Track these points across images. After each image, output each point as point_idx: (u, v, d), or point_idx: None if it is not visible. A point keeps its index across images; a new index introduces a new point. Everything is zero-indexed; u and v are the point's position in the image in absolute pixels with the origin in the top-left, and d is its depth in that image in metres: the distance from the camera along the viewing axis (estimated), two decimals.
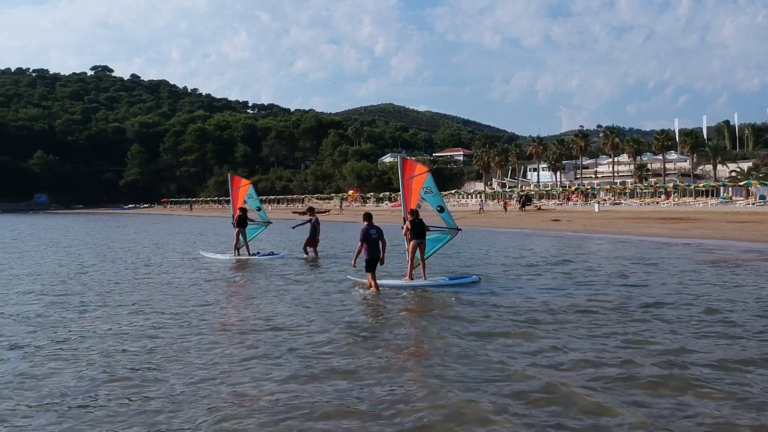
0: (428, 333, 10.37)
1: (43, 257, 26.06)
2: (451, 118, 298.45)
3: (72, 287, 16.02)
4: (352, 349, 9.18)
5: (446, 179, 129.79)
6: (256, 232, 24.15)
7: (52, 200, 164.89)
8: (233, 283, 17.43)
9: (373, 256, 14.14)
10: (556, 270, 18.38)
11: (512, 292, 14.11)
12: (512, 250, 26.65)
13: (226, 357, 8.76)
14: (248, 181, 24.87)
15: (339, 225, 52.02)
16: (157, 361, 8.56)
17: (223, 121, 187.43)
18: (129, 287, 15.92)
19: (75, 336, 10.17)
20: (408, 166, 16.16)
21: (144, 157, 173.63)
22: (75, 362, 8.54)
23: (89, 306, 13.02)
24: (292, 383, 7.52)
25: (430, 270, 16.02)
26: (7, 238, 42.54)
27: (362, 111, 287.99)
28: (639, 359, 8.31)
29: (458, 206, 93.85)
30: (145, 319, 11.51)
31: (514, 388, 7.24)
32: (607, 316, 11.27)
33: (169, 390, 7.33)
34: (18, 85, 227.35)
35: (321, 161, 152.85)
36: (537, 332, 10.00)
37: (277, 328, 10.60)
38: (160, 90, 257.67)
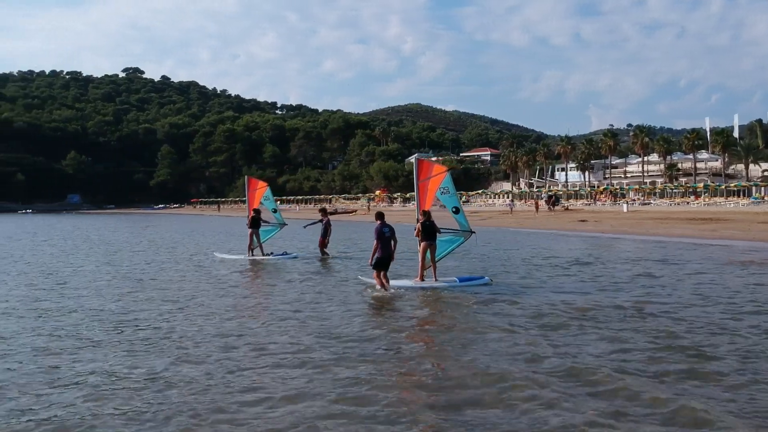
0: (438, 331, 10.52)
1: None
2: (478, 118, 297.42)
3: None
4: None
5: (473, 179, 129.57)
6: (271, 234, 24.34)
7: (84, 200, 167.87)
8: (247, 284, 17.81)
9: (385, 254, 14.30)
10: (570, 272, 18.33)
11: (523, 294, 14.04)
12: (532, 250, 26.54)
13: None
14: (265, 183, 24.99)
15: (365, 225, 51.99)
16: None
17: (252, 121, 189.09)
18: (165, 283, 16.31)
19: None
20: (424, 167, 16.17)
21: (174, 158, 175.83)
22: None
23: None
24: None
25: (445, 270, 16.06)
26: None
27: (389, 111, 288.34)
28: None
29: (485, 206, 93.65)
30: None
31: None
32: (606, 317, 11.28)
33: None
34: (52, 88, 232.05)
35: (348, 161, 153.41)
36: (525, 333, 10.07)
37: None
38: (190, 91, 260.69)
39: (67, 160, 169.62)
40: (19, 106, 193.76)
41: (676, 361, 8.36)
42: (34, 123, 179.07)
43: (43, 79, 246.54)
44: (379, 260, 14.30)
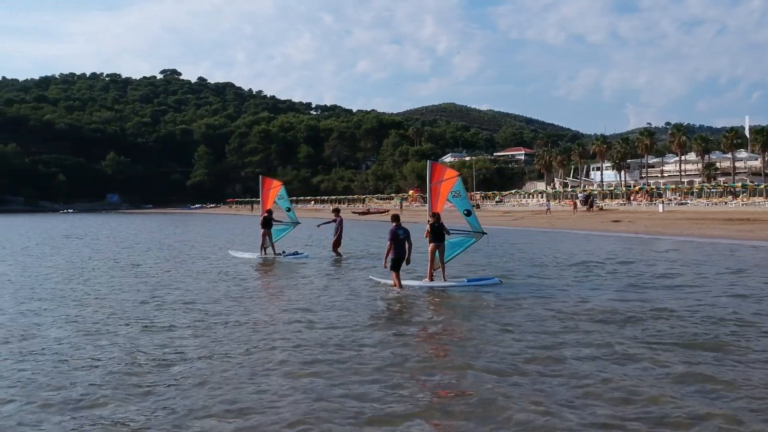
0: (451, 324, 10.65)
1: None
2: (513, 117, 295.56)
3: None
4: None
5: (507, 179, 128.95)
6: (284, 233, 24.71)
7: (123, 200, 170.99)
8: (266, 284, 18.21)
9: (399, 255, 14.69)
10: (580, 272, 18.32)
11: (531, 295, 14.09)
12: (555, 251, 26.41)
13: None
14: (280, 182, 25.38)
15: (410, 226, 51.79)
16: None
17: (287, 122, 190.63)
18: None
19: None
20: (437, 170, 16.52)
21: (210, 158, 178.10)
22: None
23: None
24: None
25: (464, 270, 16.20)
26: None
27: (423, 111, 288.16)
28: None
29: (518, 206, 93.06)
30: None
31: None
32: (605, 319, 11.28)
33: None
34: (92, 90, 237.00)
35: (382, 161, 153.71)
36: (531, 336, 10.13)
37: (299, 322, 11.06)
38: (226, 92, 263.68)
39: (106, 161, 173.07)
40: (61, 108, 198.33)
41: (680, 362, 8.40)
42: (75, 124, 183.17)
43: (83, 81, 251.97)
44: (394, 261, 14.71)
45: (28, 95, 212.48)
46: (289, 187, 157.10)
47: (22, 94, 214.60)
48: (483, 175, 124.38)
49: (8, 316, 12.37)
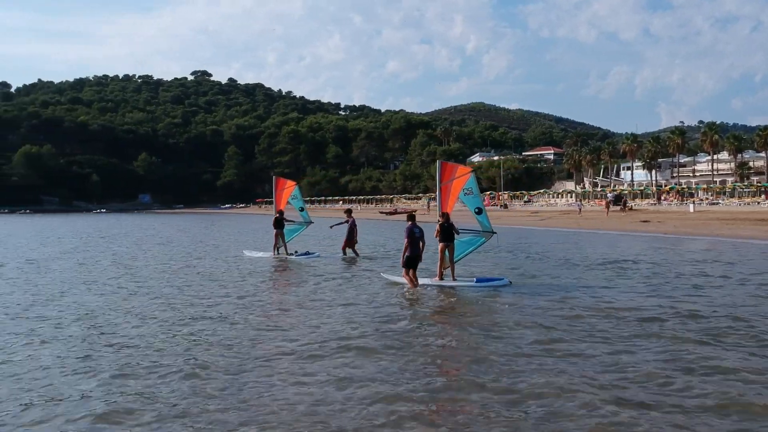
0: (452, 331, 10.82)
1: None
2: (542, 116, 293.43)
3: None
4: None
5: (535, 178, 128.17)
6: (297, 232, 25.01)
7: (154, 200, 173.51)
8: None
9: (414, 253, 14.93)
10: (601, 272, 18.28)
11: (542, 296, 14.16)
12: (577, 251, 26.34)
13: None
14: (293, 182, 25.67)
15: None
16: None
17: (316, 122, 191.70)
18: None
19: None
20: (447, 169, 16.44)
21: (240, 159, 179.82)
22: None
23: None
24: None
25: (480, 269, 16.33)
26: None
27: (452, 110, 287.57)
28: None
29: (547, 206, 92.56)
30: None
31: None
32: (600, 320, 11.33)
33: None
34: (125, 91, 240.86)
35: (410, 161, 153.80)
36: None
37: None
38: (256, 93, 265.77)
39: (138, 162, 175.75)
40: (95, 109, 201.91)
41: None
42: (108, 125, 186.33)
43: (116, 83, 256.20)
44: (409, 259, 14.95)
45: (63, 97, 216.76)
46: (318, 187, 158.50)
47: (57, 96, 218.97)
48: (511, 175, 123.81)
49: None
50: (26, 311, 13.00)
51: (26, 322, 11.86)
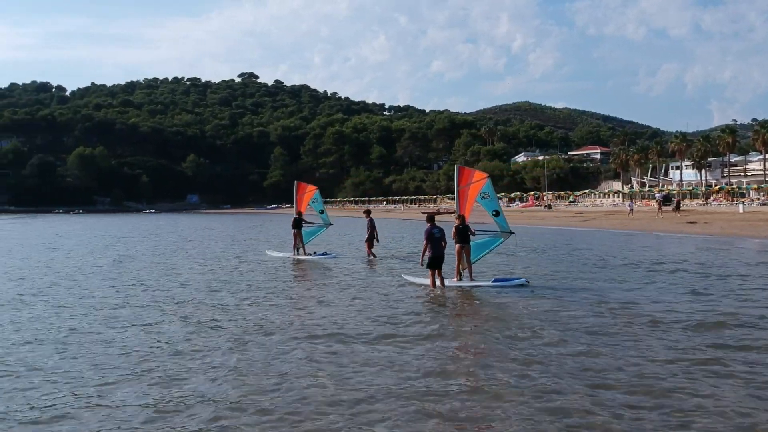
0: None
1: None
2: (590, 115, 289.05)
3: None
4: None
5: (581, 178, 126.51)
6: (317, 233, 25.86)
7: (202, 200, 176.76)
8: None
9: (436, 254, 15.13)
10: (627, 273, 18.16)
11: (557, 297, 14.29)
12: (611, 251, 26.05)
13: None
14: (314, 187, 26.43)
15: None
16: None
17: (360, 123, 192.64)
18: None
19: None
20: (465, 174, 16.96)
21: (285, 159, 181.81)
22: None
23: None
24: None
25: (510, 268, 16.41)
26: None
27: (497, 110, 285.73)
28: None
29: (592, 206, 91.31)
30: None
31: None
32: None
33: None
34: (174, 94, 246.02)
35: (453, 161, 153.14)
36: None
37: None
38: (302, 94, 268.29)
39: (186, 163, 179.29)
40: (145, 111, 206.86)
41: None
42: (157, 127, 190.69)
43: (166, 85, 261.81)
44: (431, 260, 15.20)
45: (115, 100, 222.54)
46: (362, 187, 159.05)
47: (109, 99, 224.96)
48: (557, 175, 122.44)
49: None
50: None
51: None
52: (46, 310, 13.40)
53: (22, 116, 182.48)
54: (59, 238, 45.31)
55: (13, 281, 18.93)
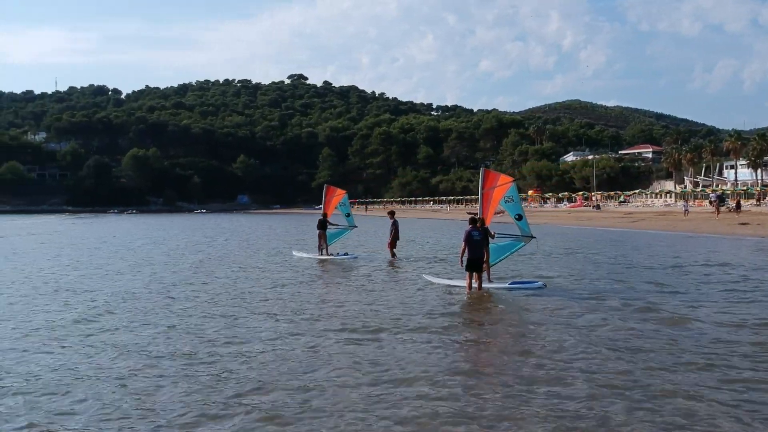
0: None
1: None
2: (642, 113, 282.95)
3: None
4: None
5: (632, 178, 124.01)
6: (341, 235, 26.84)
7: (252, 201, 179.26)
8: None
9: (474, 256, 15.05)
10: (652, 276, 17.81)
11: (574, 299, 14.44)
12: (652, 254, 25.51)
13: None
14: (343, 191, 27.18)
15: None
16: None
17: (407, 123, 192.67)
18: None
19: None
20: (490, 177, 17.09)
21: (333, 160, 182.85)
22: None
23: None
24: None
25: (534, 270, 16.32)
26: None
27: (546, 109, 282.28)
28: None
29: (642, 207, 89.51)
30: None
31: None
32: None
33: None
34: (225, 95, 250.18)
35: (501, 161, 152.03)
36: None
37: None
38: (350, 95, 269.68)
39: (237, 163, 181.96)
40: (197, 113, 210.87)
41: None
42: (208, 129, 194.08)
43: (217, 87, 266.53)
44: (469, 262, 15.15)
45: (168, 102, 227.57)
46: (409, 187, 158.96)
47: (162, 101, 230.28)
48: (607, 174, 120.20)
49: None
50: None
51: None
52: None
53: (79, 119, 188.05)
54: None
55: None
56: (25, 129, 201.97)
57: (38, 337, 11.11)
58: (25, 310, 14.05)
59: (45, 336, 11.22)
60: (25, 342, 10.77)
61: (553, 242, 33.84)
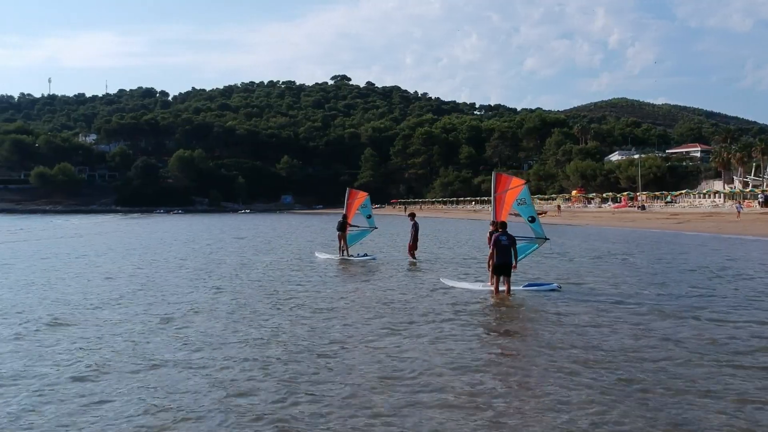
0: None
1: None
2: (691, 111, 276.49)
3: None
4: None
5: (680, 177, 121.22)
6: (362, 236, 27.45)
7: (296, 201, 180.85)
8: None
9: (501, 261, 15.02)
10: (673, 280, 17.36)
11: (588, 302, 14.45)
12: (683, 257, 24.95)
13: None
14: (365, 193, 27.84)
15: (559, 228, 50.50)
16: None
17: (449, 123, 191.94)
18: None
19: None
20: (502, 180, 17.21)
21: (376, 160, 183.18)
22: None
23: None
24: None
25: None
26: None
27: (592, 107, 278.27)
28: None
29: (689, 207, 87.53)
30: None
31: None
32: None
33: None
34: (269, 97, 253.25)
35: (544, 161, 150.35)
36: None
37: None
38: (393, 96, 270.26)
39: (280, 164, 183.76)
40: (241, 115, 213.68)
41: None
42: (253, 130, 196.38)
43: (262, 89, 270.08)
44: (496, 266, 15.14)
45: (213, 104, 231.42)
46: (451, 187, 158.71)
47: (208, 103, 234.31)
48: (653, 174, 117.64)
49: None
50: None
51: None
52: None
53: (128, 121, 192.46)
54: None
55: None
56: (77, 131, 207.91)
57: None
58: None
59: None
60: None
61: (589, 245, 33.41)
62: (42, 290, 17.54)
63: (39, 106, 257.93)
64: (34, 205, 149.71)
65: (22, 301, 15.51)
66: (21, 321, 12.86)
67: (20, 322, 12.69)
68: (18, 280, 19.97)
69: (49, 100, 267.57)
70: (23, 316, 13.36)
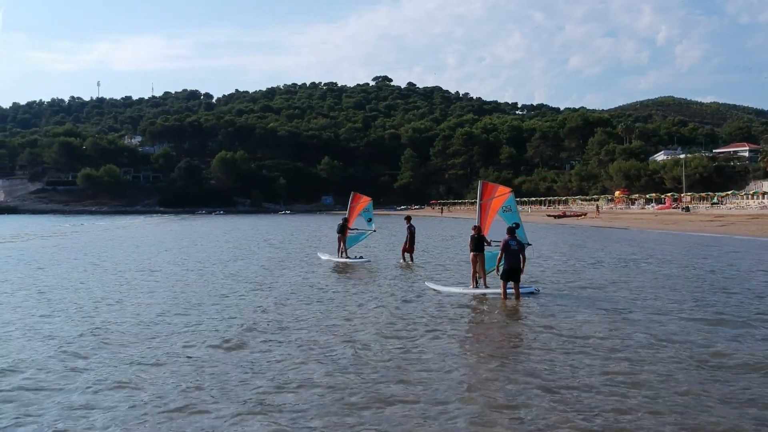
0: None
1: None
2: (741, 109, 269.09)
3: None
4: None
5: (727, 177, 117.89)
6: (360, 239, 28.31)
7: (336, 202, 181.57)
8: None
9: (511, 266, 15.39)
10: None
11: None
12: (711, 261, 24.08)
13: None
14: (368, 198, 28.49)
15: (597, 230, 49.50)
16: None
17: (490, 124, 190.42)
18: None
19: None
20: (488, 188, 18.14)
21: (416, 161, 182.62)
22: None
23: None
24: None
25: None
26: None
27: (638, 106, 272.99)
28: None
29: (736, 209, 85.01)
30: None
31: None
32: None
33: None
34: (311, 98, 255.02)
35: (586, 161, 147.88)
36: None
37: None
38: (434, 96, 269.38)
39: (321, 165, 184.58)
40: (283, 116, 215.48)
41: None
42: (294, 131, 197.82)
43: (304, 91, 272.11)
44: (505, 271, 15.45)
45: (256, 105, 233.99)
46: None
47: (251, 104, 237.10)
48: (699, 174, 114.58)
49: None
50: None
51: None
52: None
53: (172, 123, 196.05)
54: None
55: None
56: (123, 133, 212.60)
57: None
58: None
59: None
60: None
61: (616, 249, 32.62)
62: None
63: (88, 109, 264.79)
64: (81, 206, 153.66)
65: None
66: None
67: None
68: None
69: (97, 103, 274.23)
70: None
